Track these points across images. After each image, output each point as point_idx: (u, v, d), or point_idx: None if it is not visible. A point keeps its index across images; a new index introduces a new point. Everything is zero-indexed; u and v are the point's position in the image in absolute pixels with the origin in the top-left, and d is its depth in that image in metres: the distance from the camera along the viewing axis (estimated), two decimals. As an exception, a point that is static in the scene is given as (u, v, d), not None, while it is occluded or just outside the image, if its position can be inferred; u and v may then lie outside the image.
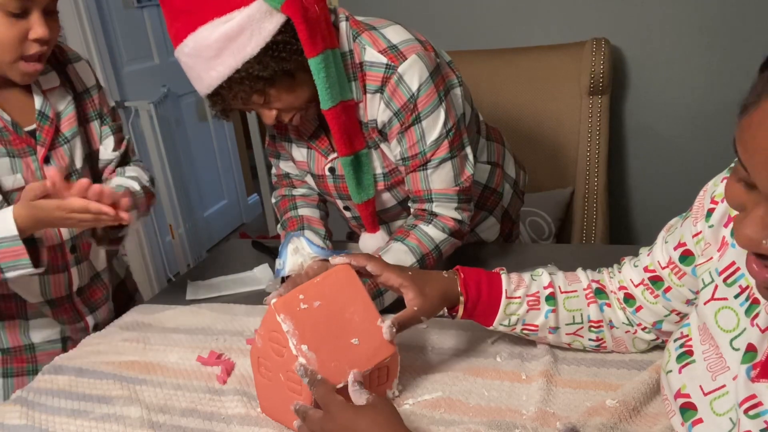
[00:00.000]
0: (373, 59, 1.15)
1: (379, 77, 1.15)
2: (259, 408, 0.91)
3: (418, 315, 0.88)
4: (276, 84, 1.09)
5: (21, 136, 1.12)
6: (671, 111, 2.19)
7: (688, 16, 2.08)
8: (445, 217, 1.21)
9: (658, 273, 0.87)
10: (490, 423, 0.83)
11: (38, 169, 1.13)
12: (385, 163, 1.25)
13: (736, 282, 0.70)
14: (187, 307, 1.27)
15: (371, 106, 1.19)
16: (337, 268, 0.90)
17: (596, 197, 2.11)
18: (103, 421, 0.92)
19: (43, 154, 1.14)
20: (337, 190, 1.31)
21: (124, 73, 2.91)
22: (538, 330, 0.93)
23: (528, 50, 2.17)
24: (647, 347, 0.95)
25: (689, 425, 0.69)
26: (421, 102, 1.15)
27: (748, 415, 0.62)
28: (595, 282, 0.95)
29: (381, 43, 1.15)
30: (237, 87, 1.07)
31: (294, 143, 1.32)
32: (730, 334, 0.68)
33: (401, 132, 1.18)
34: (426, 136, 1.17)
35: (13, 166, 1.10)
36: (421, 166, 1.20)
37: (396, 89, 1.14)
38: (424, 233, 1.19)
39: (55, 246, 1.18)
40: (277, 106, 1.13)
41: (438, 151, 1.18)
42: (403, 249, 1.17)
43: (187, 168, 3.38)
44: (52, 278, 1.19)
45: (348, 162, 1.19)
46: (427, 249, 1.18)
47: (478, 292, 0.92)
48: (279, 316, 0.82)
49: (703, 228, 0.77)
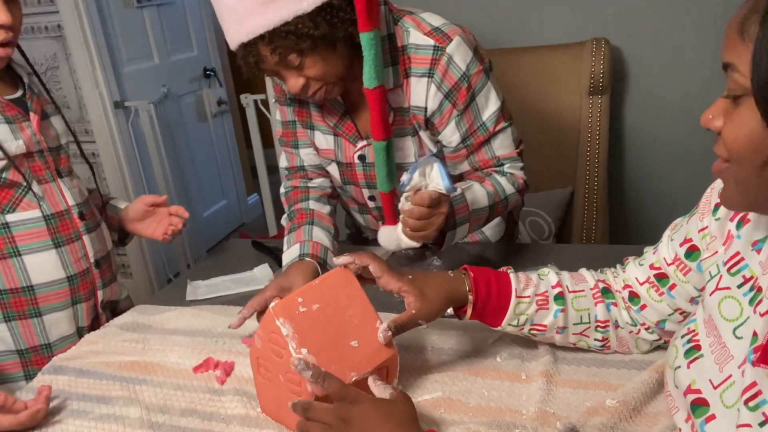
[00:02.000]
0: (418, 41, 1.16)
1: (428, 59, 1.15)
2: (259, 408, 0.91)
3: (416, 318, 0.88)
4: (317, 49, 1.06)
5: (12, 106, 1.15)
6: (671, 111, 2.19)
7: (688, 16, 2.08)
8: (517, 175, 1.26)
9: (663, 270, 0.87)
10: (490, 423, 0.83)
11: (33, 134, 1.16)
12: (421, 152, 1.25)
13: (740, 272, 0.70)
14: (187, 308, 1.27)
15: (416, 91, 1.18)
16: (336, 270, 0.90)
17: (596, 197, 2.10)
18: (102, 422, 0.92)
19: (37, 121, 1.18)
20: (366, 178, 1.30)
21: (124, 73, 2.91)
22: (546, 330, 0.93)
23: (528, 50, 2.17)
24: (649, 348, 0.95)
25: (701, 422, 0.68)
26: (473, 79, 1.18)
27: (748, 406, 0.62)
28: (601, 281, 0.95)
29: (425, 26, 1.16)
30: (279, 41, 1.04)
31: (317, 130, 1.30)
32: (733, 323, 0.69)
33: (459, 114, 1.20)
34: (482, 112, 1.21)
35: (13, 133, 1.13)
36: (485, 141, 1.23)
37: (447, 70, 1.16)
38: (497, 182, 1.23)
39: (63, 212, 1.19)
40: (309, 74, 1.10)
41: (498, 123, 1.22)
42: (481, 191, 1.19)
43: (187, 168, 3.38)
44: (68, 248, 1.20)
45: (383, 147, 1.17)
46: (499, 197, 1.21)
47: (488, 292, 0.90)
48: (278, 319, 0.81)
49: (710, 222, 0.79)
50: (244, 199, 4.08)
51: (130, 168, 2.90)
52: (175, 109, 3.25)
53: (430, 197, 0.99)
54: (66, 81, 2.75)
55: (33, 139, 1.16)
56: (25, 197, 1.14)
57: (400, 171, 1.21)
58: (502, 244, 1.47)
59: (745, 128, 0.58)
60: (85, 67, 2.68)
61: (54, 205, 1.18)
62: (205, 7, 3.55)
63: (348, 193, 1.40)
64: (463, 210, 1.15)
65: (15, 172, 1.13)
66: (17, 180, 1.14)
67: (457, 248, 1.30)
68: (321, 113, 1.27)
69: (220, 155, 3.75)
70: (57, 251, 1.17)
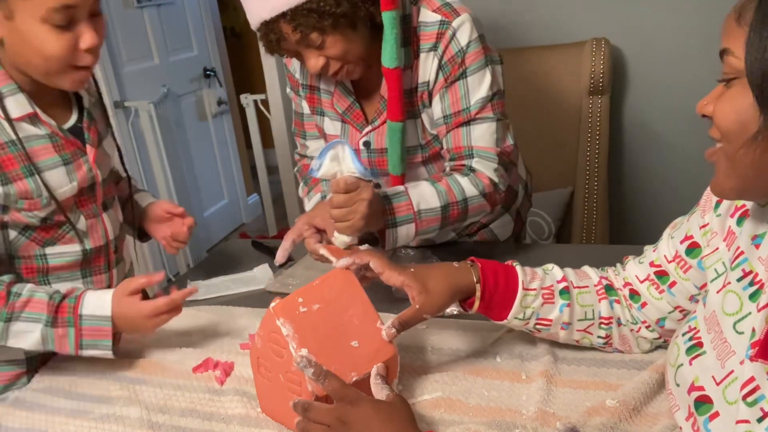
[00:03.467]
0: (427, 19, 1.16)
1: (434, 34, 1.16)
2: (259, 408, 0.91)
3: (420, 313, 0.87)
4: (338, 28, 1.07)
5: (69, 139, 1.07)
6: (671, 111, 2.19)
7: (688, 16, 2.08)
8: (483, 174, 1.19)
9: (663, 267, 0.87)
10: (490, 423, 0.83)
11: (90, 170, 1.10)
12: (423, 135, 1.25)
13: (740, 266, 0.71)
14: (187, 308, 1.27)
15: (424, 67, 1.19)
16: (336, 271, 0.90)
17: (596, 197, 2.11)
18: (102, 422, 0.92)
19: (94, 155, 1.10)
20: (371, 165, 1.30)
21: (124, 73, 2.91)
22: (551, 325, 0.92)
23: (528, 50, 2.17)
24: (650, 347, 0.95)
25: (705, 420, 0.69)
26: (469, 58, 1.16)
27: (746, 401, 0.62)
28: (604, 278, 0.95)
29: (435, 2, 1.17)
30: (301, 19, 1.04)
31: (327, 116, 1.31)
32: (733, 318, 0.69)
33: (445, 87, 1.18)
34: (470, 94, 1.18)
35: (69, 174, 1.06)
36: (464, 123, 1.19)
37: (449, 44, 1.15)
38: (456, 182, 1.17)
39: (101, 247, 1.15)
40: (330, 53, 1.10)
41: (483, 111, 1.18)
42: (430, 190, 1.15)
43: (187, 168, 3.38)
44: (95, 279, 1.16)
45: (399, 129, 1.17)
46: (454, 198, 1.15)
47: (496, 282, 0.90)
48: (278, 320, 0.81)
49: (711, 219, 0.79)
50: (244, 199, 4.08)
51: (130, 168, 2.88)
52: (175, 109, 3.25)
53: (345, 182, 0.99)
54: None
55: (88, 175, 1.09)
56: (68, 234, 1.09)
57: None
58: (502, 245, 1.47)
59: (733, 104, 0.62)
60: (85, 67, 2.68)
61: (95, 239, 1.13)
62: (205, 7, 3.55)
63: None
64: (405, 208, 1.11)
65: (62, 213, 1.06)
66: (62, 220, 1.07)
67: (457, 248, 1.30)
68: (330, 99, 1.28)
69: (220, 155, 3.74)
70: (83, 281, 1.14)
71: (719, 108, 0.64)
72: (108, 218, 1.16)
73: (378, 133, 1.25)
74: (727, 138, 0.64)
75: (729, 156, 0.64)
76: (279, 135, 2.92)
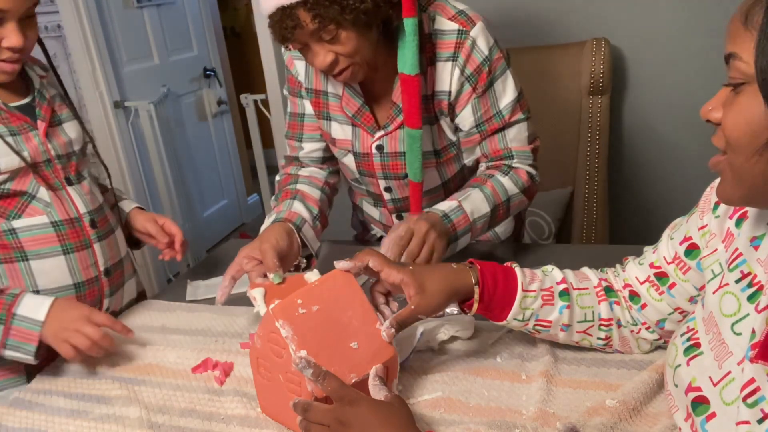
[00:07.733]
0: (443, 27, 1.17)
1: (452, 44, 1.17)
2: (258, 408, 0.91)
3: (416, 313, 0.87)
4: (356, 25, 1.06)
5: (15, 114, 1.12)
6: (671, 111, 2.18)
7: (688, 16, 2.08)
8: (521, 170, 1.25)
9: (663, 269, 0.87)
10: (490, 423, 0.83)
11: (41, 143, 1.13)
12: (439, 140, 1.26)
13: (738, 267, 0.71)
14: (187, 308, 1.27)
15: (441, 76, 1.20)
16: (335, 272, 0.90)
17: (596, 197, 2.10)
18: (102, 422, 0.92)
19: (44, 128, 1.14)
20: (384, 168, 1.31)
21: (123, 73, 2.91)
22: (551, 326, 0.92)
23: (528, 50, 2.17)
24: (650, 348, 0.95)
25: (702, 421, 0.68)
26: (494, 65, 1.19)
27: (746, 403, 0.62)
28: (604, 280, 0.95)
29: (450, 10, 1.18)
30: (320, 9, 1.03)
31: (334, 120, 1.30)
32: (731, 319, 0.69)
33: (477, 98, 1.20)
34: (500, 99, 1.22)
35: (17, 145, 1.10)
36: (500, 129, 1.23)
37: (470, 54, 1.17)
38: (499, 183, 1.22)
39: (73, 219, 1.17)
40: (341, 50, 1.09)
41: (515, 113, 1.23)
42: (480, 197, 1.20)
43: (187, 168, 3.38)
44: (77, 256, 1.18)
45: (418, 136, 1.18)
46: (500, 199, 1.21)
47: (495, 284, 0.89)
48: (278, 321, 0.81)
49: (710, 220, 0.79)
50: (244, 199, 4.08)
51: (129, 168, 2.90)
52: (175, 109, 3.25)
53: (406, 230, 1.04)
54: (66, 81, 2.72)
55: (40, 148, 1.13)
56: (30, 204, 1.12)
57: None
58: (503, 245, 1.47)
59: (745, 114, 0.59)
60: (84, 67, 2.69)
61: (63, 212, 1.16)
62: (205, 7, 3.55)
63: (362, 186, 1.40)
64: (462, 222, 1.17)
65: (18, 182, 1.10)
66: (21, 189, 1.11)
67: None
68: (339, 103, 1.27)
69: (220, 155, 3.74)
70: (66, 258, 1.16)
71: (730, 119, 0.61)
72: (75, 192, 1.19)
73: (391, 137, 1.26)
74: (735, 149, 0.61)
75: (736, 167, 0.62)
76: (279, 135, 2.92)
